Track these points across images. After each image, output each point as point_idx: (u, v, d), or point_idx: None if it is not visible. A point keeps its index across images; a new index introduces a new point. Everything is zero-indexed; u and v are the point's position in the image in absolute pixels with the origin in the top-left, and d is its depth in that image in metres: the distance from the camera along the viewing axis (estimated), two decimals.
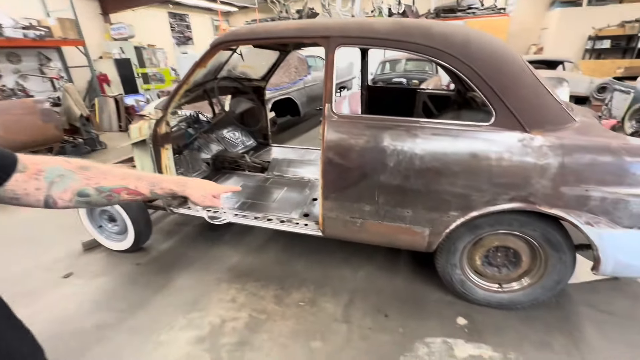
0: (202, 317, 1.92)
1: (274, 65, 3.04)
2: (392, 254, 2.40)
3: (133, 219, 2.33)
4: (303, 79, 5.76)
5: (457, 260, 1.80)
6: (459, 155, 1.54)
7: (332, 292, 2.07)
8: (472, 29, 1.72)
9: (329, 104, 1.69)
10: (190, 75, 1.93)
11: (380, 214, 1.75)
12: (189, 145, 2.71)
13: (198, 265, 2.38)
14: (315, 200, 2.38)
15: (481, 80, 1.49)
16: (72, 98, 5.50)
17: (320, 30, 1.67)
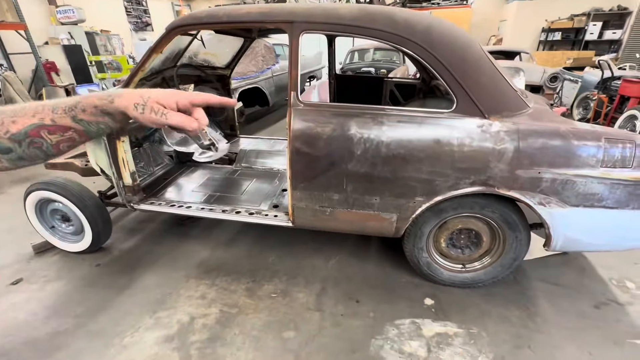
0: (170, 315, 1.85)
1: (239, 52, 2.92)
2: (362, 241, 2.44)
3: (89, 217, 2.17)
4: (271, 67, 5.62)
5: (423, 244, 1.86)
6: (423, 142, 1.57)
7: (304, 282, 2.07)
8: (435, 17, 1.74)
9: (295, 92, 1.65)
10: (145, 61, 1.80)
11: (349, 202, 1.76)
12: (149, 137, 2.56)
13: (164, 262, 2.28)
14: (285, 191, 2.35)
15: (443, 68, 1.52)
16: (13, 88, 5.00)
17: (283, 15, 1.61)
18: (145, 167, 2.43)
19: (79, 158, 2.65)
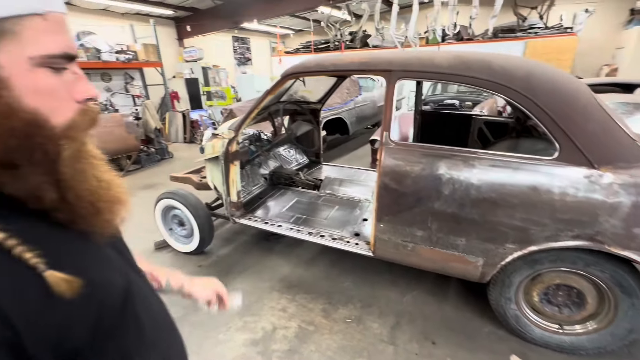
0: (256, 321, 2.08)
1: (331, 89, 3.24)
2: (441, 279, 2.38)
3: (200, 224, 2.61)
4: (354, 99, 5.94)
5: (512, 294, 1.75)
6: (518, 187, 1.54)
7: (378, 312, 2.11)
8: (537, 63, 1.73)
9: (387, 132, 1.79)
10: (262, 101, 2.17)
11: (432, 240, 1.78)
12: (250, 161, 2.98)
13: (252, 272, 2.57)
14: (365, 220, 2.47)
15: (545, 115, 1.49)
16: (149, 113, 6.28)
17: (382, 64, 1.80)
18: (245, 186, 2.83)
19: (195, 174, 3.22)
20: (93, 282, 0.40)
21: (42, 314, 0.35)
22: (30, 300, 0.34)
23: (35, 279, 0.35)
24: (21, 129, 0.35)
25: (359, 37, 8.63)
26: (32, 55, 0.35)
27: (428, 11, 8.32)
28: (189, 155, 6.43)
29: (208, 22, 9.99)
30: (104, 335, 0.41)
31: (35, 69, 0.36)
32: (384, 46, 8.35)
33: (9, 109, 0.34)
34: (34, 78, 0.36)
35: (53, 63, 0.37)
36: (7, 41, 0.34)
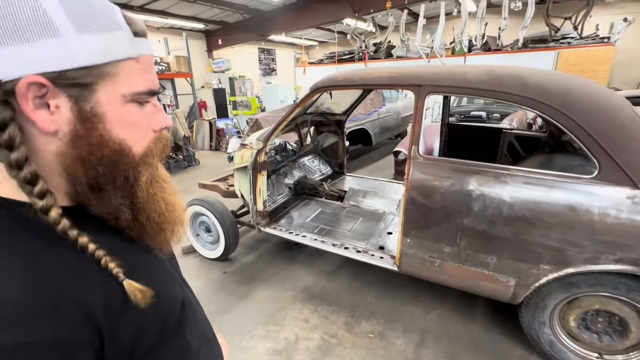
0: (279, 331, 2.09)
1: (357, 101, 3.27)
2: (467, 297, 2.30)
3: (225, 231, 2.68)
4: (377, 110, 5.95)
5: (546, 318, 1.67)
6: (554, 206, 1.48)
7: (402, 329, 2.07)
8: (575, 79, 1.68)
9: (416, 146, 1.79)
10: (291, 113, 2.23)
11: (461, 257, 1.74)
12: (276, 171, 3.04)
13: (275, 280, 2.60)
14: (390, 234, 2.44)
15: (583, 132, 1.44)
16: (179, 121, 6.57)
17: (411, 79, 1.81)
18: (271, 195, 2.89)
19: (222, 182, 3.32)
20: (160, 294, 0.44)
21: (122, 320, 0.38)
22: (114, 307, 0.37)
23: (119, 288, 0.38)
24: (110, 157, 0.39)
25: (383, 48, 8.66)
26: (124, 94, 0.40)
27: (455, 22, 8.25)
28: (215, 163, 6.64)
29: (236, 35, 10.40)
30: (165, 342, 0.45)
31: (125, 104, 0.40)
32: (409, 57, 8.33)
33: (102, 140, 0.39)
34: (124, 113, 0.40)
35: (140, 99, 0.42)
36: (106, 82, 0.38)
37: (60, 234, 0.36)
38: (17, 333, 0.30)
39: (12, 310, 0.31)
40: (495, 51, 7.81)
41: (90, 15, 0.36)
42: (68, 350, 0.32)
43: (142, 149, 0.43)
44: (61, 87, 0.35)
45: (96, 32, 0.36)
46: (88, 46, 0.36)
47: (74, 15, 0.35)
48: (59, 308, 0.33)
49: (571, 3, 8.47)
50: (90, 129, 0.38)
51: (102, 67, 0.37)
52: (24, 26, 0.32)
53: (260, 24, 9.62)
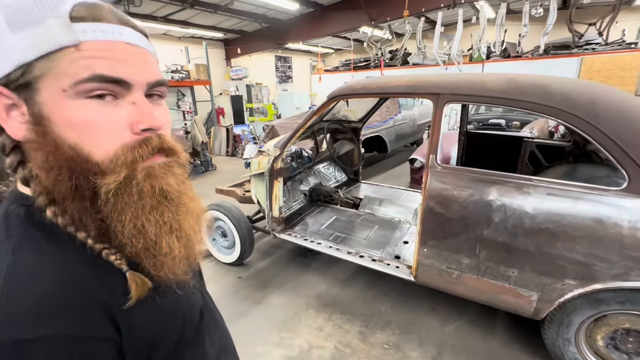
0: (292, 338, 2.09)
1: (373, 108, 3.27)
2: (486, 311, 2.23)
3: (241, 237, 2.71)
4: (393, 117, 5.92)
5: (571, 335, 1.60)
6: (579, 219, 1.43)
7: (418, 341, 2.02)
8: (603, 87, 1.63)
9: (434, 155, 1.77)
10: (308, 121, 2.26)
11: (480, 269, 1.70)
12: (292, 177, 3.07)
13: (289, 287, 2.60)
14: (406, 243, 2.41)
15: (611, 143, 1.39)
16: (198, 127, 6.73)
17: (430, 87, 1.80)
18: (286, 201, 2.91)
19: (239, 187, 3.37)
20: (178, 301, 0.45)
21: (140, 321, 0.38)
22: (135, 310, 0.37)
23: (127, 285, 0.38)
24: (61, 164, 0.35)
25: (399, 56, 8.65)
26: (64, 87, 0.34)
27: (473, 29, 8.16)
28: (231, 168, 6.76)
29: (254, 44, 10.63)
30: (184, 346, 0.45)
31: (71, 100, 0.35)
32: (425, 64, 8.28)
33: (56, 145, 0.35)
34: (71, 110, 0.35)
35: (93, 90, 0.35)
36: (46, 78, 0.34)
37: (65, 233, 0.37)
38: (46, 327, 0.30)
39: (39, 306, 0.31)
40: (515, 58, 7.66)
41: (24, 10, 0.33)
42: (92, 345, 0.33)
43: (108, 155, 0.37)
44: (14, 91, 0.34)
45: (28, 26, 0.33)
46: (20, 43, 0.33)
47: (9, 15, 0.32)
48: (84, 305, 0.34)
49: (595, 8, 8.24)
50: (41, 134, 0.35)
51: (37, 63, 0.33)
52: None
53: (278, 32, 9.81)
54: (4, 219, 0.38)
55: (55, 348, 0.30)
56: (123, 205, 0.37)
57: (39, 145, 0.35)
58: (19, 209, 0.37)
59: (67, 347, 0.31)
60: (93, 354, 0.32)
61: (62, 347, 0.31)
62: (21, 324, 0.30)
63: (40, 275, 0.33)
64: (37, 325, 0.30)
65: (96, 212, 0.38)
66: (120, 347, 0.35)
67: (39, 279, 0.33)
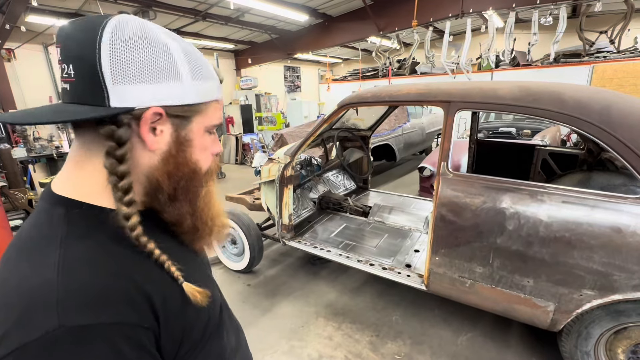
0: (302, 347, 2.07)
1: (382, 117, 3.28)
2: (500, 322, 2.18)
3: (251, 244, 2.71)
4: (402, 126, 5.93)
5: (590, 348, 1.55)
6: (597, 227, 1.40)
7: (430, 352, 1.98)
8: (618, 95, 1.61)
9: (445, 162, 1.76)
10: (318, 129, 2.28)
11: (494, 278, 1.67)
12: (301, 185, 3.08)
13: (298, 295, 2.58)
14: (417, 251, 2.38)
15: (628, 150, 1.37)
16: None
17: (441, 95, 1.80)
18: (295, 209, 2.91)
19: (248, 195, 3.40)
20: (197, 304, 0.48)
21: (176, 316, 0.43)
22: (172, 303, 0.43)
23: (176, 288, 0.45)
24: (188, 173, 0.48)
25: (407, 65, 8.70)
26: (207, 125, 0.50)
27: (481, 38, 8.18)
28: (240, 176, 6.82)
29: (264, 54, 10.82)
30: (208, 337, 0.50)
31: (205, 134, 0.50)
32: (434, 73, 8.31)
33: (185, 159, 0.48)
34: (203, 140, 0.50)
35: (211, 129, 0.52)
36: (199, 116, 0.48)
37: (133, 239, 0.42)
38: (101, 315, 0.35)
39: (96, 294, 0.36)
40: (524, 66, 7.63)
41: (199, 67, 0.47)
42: (138, 332, 0.37)
43: (206, 168, 0.52)
44: (170, 116, 0.45)
45: (202, 80, 0.47)
46: (196, 90, 0.46)
47: (191, 67, 0.46)
48: (132, 295, 0.38)
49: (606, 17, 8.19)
50: (180, 151, 0.47)
51: (199, 105, 0.47)
52: (160, 71, 0.42)
53: (287, 43, 9.99)
54: (47, 215, 0.42)
55: (109, 334, 0.34)
56: (208, 198, 0.53)
57: (174, 159, 0.47)
58: (61, 208, 0.42)
59: (119, 333, 0.35)
60: (140, 340, 0.37)
61: (115, 333, 0.35)
62: (80, 311, 0.34)
63: (92, 266, 0.38)
64: (94, 312, 0.34)
65: (194, 208, 0.50)
66: (158, 336, 0.40)
67: (92, 269, 0.38)
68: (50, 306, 0.33)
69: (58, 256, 0.37)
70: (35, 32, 7.24)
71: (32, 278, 0.36)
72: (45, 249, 0.38)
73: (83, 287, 0.36)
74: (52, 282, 0.35)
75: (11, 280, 0.37)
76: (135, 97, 0.41)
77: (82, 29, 0.40)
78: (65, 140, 5.99)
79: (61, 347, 0.32)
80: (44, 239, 0.40)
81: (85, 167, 0.44)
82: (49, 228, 0.41)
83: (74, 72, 0.41)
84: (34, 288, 0.35)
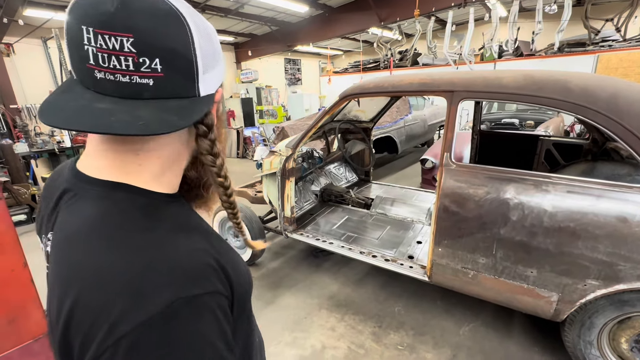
0: (305, 338, 2.08)
1: (384, 108, 3.25)
2: (502, 312, 2.19)
3: (253, 237, 2.72)
4: (404, 118, 5.88)
5: (593, 338, 1.55)
6: (602, 217, 1.39)
7: (432, 342, 1.99)
8: (625, 82, 1.58)
9: (448, 153, 1.74)
10: (319, 120, 2.26)
11: (497, 268, 1.66)
12: (303, 178, 3.07)
13: (301, 287, 2.59)
14: (419, 243, 2.38)
15: (635, 139, 1.35)
16: None
17: (444, 85, 1.78)
18: (297, 202, 2.91)
19: (250, 188, 3.39)
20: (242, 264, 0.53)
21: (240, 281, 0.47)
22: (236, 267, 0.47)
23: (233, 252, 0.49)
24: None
25: (409, 56, 8.60)
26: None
27: (484, 28, 8.06)
28: (241, 170, 6.81)
29: (264, 46, 10.72)
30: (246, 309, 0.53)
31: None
32: (435, 64, 8.21)
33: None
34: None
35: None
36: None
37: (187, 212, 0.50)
38: (204, 285, 0.39)
39: (194, 268, 0.40)
40: (528, 56, 7.52)
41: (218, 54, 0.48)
42: (224, 301, 0.41)
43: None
44: None
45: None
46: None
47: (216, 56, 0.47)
48: (214, 267, 0.42)
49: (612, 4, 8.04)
50: (218, 127, 0.50)
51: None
52: (218, 55, 0.46)
53: (287, 35, 9.88)
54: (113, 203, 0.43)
55: (210, 302, 0.39)
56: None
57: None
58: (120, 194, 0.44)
59: (215, 301, 0.40)
60: (225, 307, 0.41)
61: (213, 301, 0.39)
62: (188, 284, 0.38)
63: (177, 246, 0.41)
64: (198, 284, 0.38)
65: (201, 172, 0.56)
66: (232, 301, 0.44)
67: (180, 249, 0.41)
68: (164, 284, 0.36)
69: (144, 240, 0.40)
70: (33, 26, 7.18)
71: (131, 262, 0.38)
72: (130, 234, 0.41)
73: (183, 265, 0.39)
74: (155, 262, 0.38)
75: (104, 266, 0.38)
76: (213, 82, 0.45)
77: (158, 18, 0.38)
78: (66, 134, 5.98)
79: (180, 317, 0.35)
80: (120, 225, 0.41)
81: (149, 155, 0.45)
82: (121, 214, 0.42)
83: (161, 67, 0.39)
84: (139, 271, 0.37)
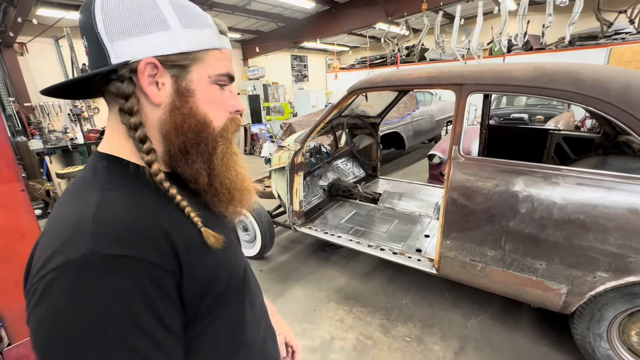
0: (314, 329, 2.12)
1: (392, 103, 3.25)
2: (510, 305, 2.19)
3: (262, 231, 2.76)
4: (411, 113, 5.85)
5: (603, 330, 1.55)
6: (613, 209, 1.38)
7: (440, 335, 2.01)
8: (632, 72, 1.56)
9: (457, 146, 1.75)
10: (327, 115, 2.28)
11: (505, 261, 1.67)
12: (311, 173, 3.10)
13: (310, 280, 2.63)
14: (427, 237, 2.39)
15: None
16: None
17: (453, 78, 1.78)
18: (305, 196, 2.94)
19: (259, 183, 3.43)
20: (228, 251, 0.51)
21: (198, 262, 0.45)
22: (193, 249, 0.45)
23: (197, 234, 0.46)
24: (196, 126, 0.48)
25: (416, 51, 8.53)
26: (210, 75, 0.49)
27: (493, 22, 7.95)
28: (249, 166, 6.81)
29: (271, 43, 10.73)
30: (230, 296, 0.51)
31: (210, 85, 0.50)
32: (443, 59, 8.13)
33: (192, 111, 0.48)
34: (209, 91, 0.50)
35: (220, 81, 0.51)
36: (198, 65, 0.48)
37: (157, 185, 0.46)
38: (128, 248, 0.38)
39: (124, 232, 0.39)
40: (538, 50, 7.40)
41: (191, 16, 0.48)
42: (159, 273, 0.39)
43: (220, 124, 0.52)
44: (167, 67, 0.46)
45: (194, 27, 0.47)
46: (188, 37, 0.46)
47: (180, 16, 0.46)
48: (156, 237, 0.41)
49: None
50: (184, 102, 0.47)
51: (196, 53, 0.47)
52: (147, 23, 0.44)
53: (294, 31, 9.87)
54: (92, 168, 0.48)
55: (133, 266, 0.37)
56: (227, 159, 0.53)
57: (179, 110, 0.47)
58: (103, 162, 0.48)
59: (142, 268, 0.38)
60: (159, 280, 0.39)
61: (138, 267, 0.38)
62: (110, 243, 0.38)
63: (124, 208, 0.42)
64: (121, 245, 0.38)
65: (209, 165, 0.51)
66: (180, 282, 0.42)
67: (123, 211, 0.42)
68: (87, 235, 0.38)
69: (97, 197, 0.42)
70: (46, 25, 7.31)
71: (75, 214, 0.41)
72: (89, 192, 0.43)
73: (115, 224, 0.40)
74: (90, 216, 0.39)
75: (61, 216, 0.43)
76: (129, 51, 0.43)
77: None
78: (79, 131, 6.10)
79: (92, 270, 0.36)
80: (87, 185, 0.45)
81: (116, 129, 0.48)
82: (93, 176, 0.46)
83: (87, 43, 0.44)
84: (76, 221, 0.40)
